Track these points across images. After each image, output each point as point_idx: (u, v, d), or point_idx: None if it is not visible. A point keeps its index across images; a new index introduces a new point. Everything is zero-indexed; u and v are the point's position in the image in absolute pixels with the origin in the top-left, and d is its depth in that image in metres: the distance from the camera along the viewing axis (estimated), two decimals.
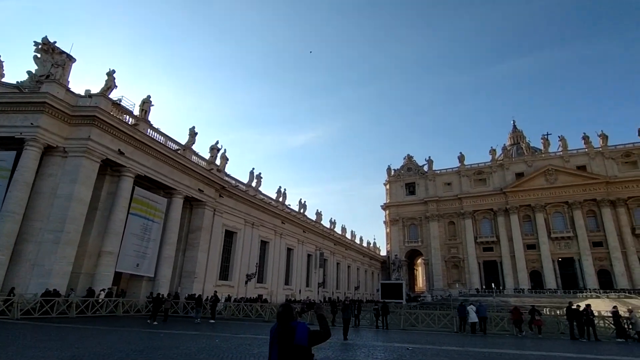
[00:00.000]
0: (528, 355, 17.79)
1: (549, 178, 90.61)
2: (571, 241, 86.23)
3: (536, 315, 28.23)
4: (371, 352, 16.68)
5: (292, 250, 62.89)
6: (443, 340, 23.40)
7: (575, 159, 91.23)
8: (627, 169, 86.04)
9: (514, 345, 22.26)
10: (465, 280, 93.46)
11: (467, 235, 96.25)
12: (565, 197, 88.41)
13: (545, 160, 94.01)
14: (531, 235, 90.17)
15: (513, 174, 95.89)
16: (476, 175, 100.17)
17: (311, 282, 68.48)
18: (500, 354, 17.98)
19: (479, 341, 23.89)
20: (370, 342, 20.77)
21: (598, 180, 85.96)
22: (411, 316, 32.47)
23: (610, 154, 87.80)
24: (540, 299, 63.44)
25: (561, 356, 18.00)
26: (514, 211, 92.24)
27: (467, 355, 17.02)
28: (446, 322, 31.01)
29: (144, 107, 36.37)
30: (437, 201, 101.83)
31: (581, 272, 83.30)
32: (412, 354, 16.29)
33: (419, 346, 19.55)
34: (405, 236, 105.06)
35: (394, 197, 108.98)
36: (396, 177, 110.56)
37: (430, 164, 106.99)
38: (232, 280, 46.82)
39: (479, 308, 29.57)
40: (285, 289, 59.08)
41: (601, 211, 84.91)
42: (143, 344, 16.28)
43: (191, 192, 40.40)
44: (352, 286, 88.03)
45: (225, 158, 48.38)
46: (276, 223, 57.73)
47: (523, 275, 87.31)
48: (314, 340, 4.94)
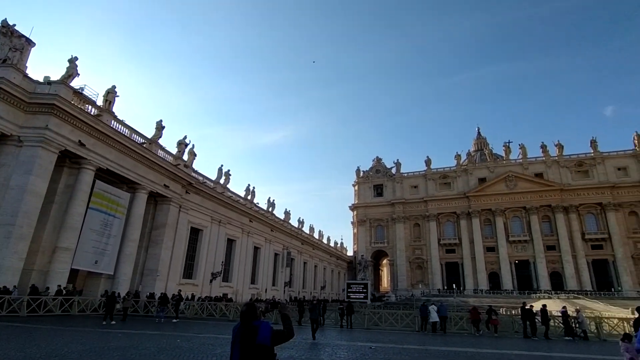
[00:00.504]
0: (484, 353, 18.55)
1: (509, 184, 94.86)
2: (527, 244, 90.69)
3: (493, 315, 29.43)
4: (335, 352, 16.86)
5: (259, 249, 62.37)
6: (405, 339, 23.98)
7: (534, 166, 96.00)
8: (580, 177, 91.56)
9: (471, 343, 23.16)
10: (428, 281, 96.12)
11: (431, 237, 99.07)
12: (523, 202, 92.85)
13: (506, 166, 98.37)
14: (491, 238, 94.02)
15: (476, 179, 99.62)
16: (442, 179, 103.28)
17: (278, 281, 68.21)
18: (458, 352, 18.66)
19: (439, 340, 24.69)
20: (334, 342, 20.98)
21: (553, 188, 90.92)
22: (375, 316, 33.04)
23: (565, 163, 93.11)
24: (498, 299, 66.29)
25: (514, 354, 18.90)
26: (475, 215, 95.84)
27: (427, 353, 17.57)
28: (408, 322, 31.80)
29: (108, 98, 34.91)
30: (404, 203, 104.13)
31: (535, 274, 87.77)
32: (375, 353, 16.61)
33: (381, 345, 19.94)
34: (372, 237, 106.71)
35: (362, 198, 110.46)
36: (365, 179, 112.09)
37: (398, 167, 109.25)
38: (197, 278, 45.83)
39: (440, 308, 30.54)
40: (251, 288, 58.50)
41: (555, 217, 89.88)
42: (98, 344, 15.65)
43: (156, 188, 39.19)
44: (318, 286, 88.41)
45: (193, 154, 47.29)
46: (244, 221, 57.06)
47: (482, 277, 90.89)
48: (276, 340, 4.93)
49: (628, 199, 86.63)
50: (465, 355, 17.26)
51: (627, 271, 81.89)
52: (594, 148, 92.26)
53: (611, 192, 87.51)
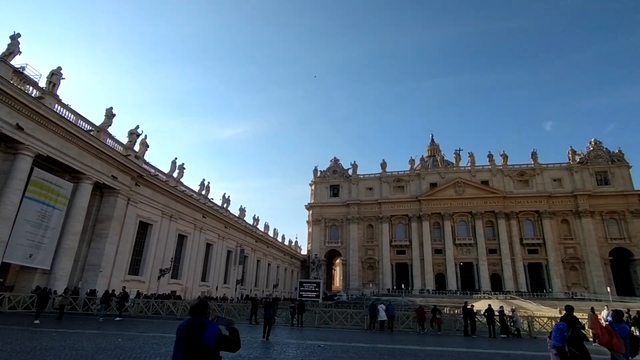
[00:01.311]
0: (427, 351, 19.43)
1: (457, 190, 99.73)
2: (472, 248, 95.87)
3: (437, 314, 30.86)
4: (284, 350, 16.89)
5: (212, 245, 60.89)
6: (353, 337, 24.51)
7: (481, 174, 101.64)
8: (521, 186, 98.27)
9: (416, 341, 24.16)
10: (378, 281, 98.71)
11: (384, 239, 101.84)
12: (469, 207, 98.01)
13: (456, 173, 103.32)
14: (439, 241, 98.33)
15: (428, 184, 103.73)
16: (396, 182, 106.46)
17: (229, 279, 66.95)
18: (403, 349, 19.41)
19: (386, 338, 25.49)
20: (284, 340, 21.02)
21: (497, 195, 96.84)
22: (326, 314, 33.45)
23: (508, 172, 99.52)
24: (443, 299, 69.50)
25: (455, 351, 19.96)
26: (426, 218, 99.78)
27: (373, 351, 18.10)
28: (358, 320, 32.52)
29: (53, 80, 32.47)
30: (359, 204, 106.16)
31: (478, 276, 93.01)
32: (323, 351, 16.84)
33: (330, 343, 20.24)
34: (326, 236, 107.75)
35: (319, 197, 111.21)
36: (322, 179, 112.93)
37: (354, 169, 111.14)
38: (144, 275, 43.88)
39: (388, 307, 31.55)
40: (201, 285, 56.95)
41: (497, 222, 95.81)
42: (30, 343, 14.57)
43: (103, 178, 37.04)
44: (271, 284, 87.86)
45: (145, 145, 45.21)
46: (197, 217, 55.44)
47: (429, 277, 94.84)
48: (222, 344, 4.80)
49: (561, 208, 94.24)
50: (410, 353, 17.97)
51: (557, 274, 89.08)
52: (534, 160, 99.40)
53: (547, 201, 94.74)
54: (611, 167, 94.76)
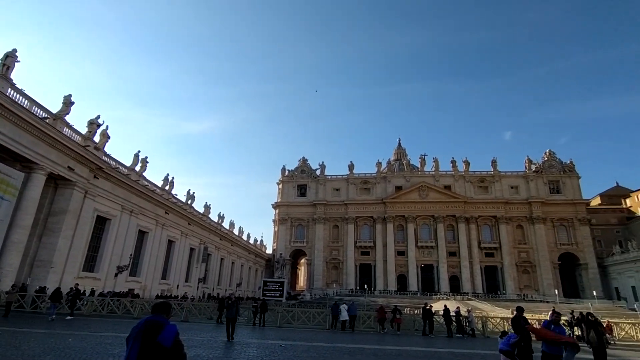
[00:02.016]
0: (386, 350, 19.91)
1: (421, 193, 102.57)
2: (433, 250, 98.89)
3: (397, 314, 31.67)
4: (244, 350, 16.78)
5: (174, 242, 59.20)
6: (315, 337, 24.69)
7: (444, 179, 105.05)
8: (481, 192, 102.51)
9: (376, 341, 24.68)
10: (342, 281, 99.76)
11: (349, 239, 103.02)
12: (432, 211, 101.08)
13: (421, 177, 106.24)
14: (402, 243, 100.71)
15: (393, 187, 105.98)
16: (362, 184, 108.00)
17: (191, 277, 65.36)
18: (363, 349, 19.79)
19: (347, 337, 25.86)
20: (245, 340, 20.85)
21: (458, 200, 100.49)
22: (288, 314, 33.48)
23: (470, 178, 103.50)
24: (404, 300, 71.31)
25: (412, 350, 20.60)
26: (390, 220, 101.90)
27: (333, 350, 18.35)
28: (320, 320, 32.78)
29: (7, 63, 30.40)
30: (325, 205, 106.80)
31: (438, 277, 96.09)
32: (284, 351, 16.88)
33: (291, 343, 20.31)
34: (292, 236, 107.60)
35: (286, 196, 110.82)
36: (289, 178, 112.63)
37: (322, 169, 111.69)
38: (100, 272, 41.97)
39: (351, 307, 32.03)
40: (161, 283, 55.22)
41: (458, 226, 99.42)
42: None
43: (58, 169, 35.08)
44: (234, 283, 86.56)
45: (106, 136, 43.22)
46: (159, 212, 53.71)
47: (392, 278, 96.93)
48: (177, 347, 4.75)
49: (516, 214, 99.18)
50: (369, 352, 18.36)
51: (511, 277, 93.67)
52: (494, 167, 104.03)
53: (504, 207, 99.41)
54: (563, 177, 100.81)
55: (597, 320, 18.35)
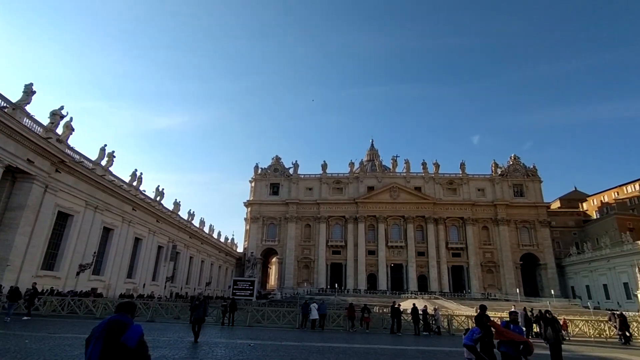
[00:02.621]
0: (354, 348, 20.18)
1: (392, 194, 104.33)
2: (402, 250, 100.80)
3: (366, 313, 32.13)
4: (212, 350, 16.55)
5: (141, 240, 57.43)
6: (285, 336, 24.68)
7: (415, 180, 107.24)
8: (449, 194, 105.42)
9: (345, 339, 24.94)
10: (313, 280, 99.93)
11: (320, 239, 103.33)
12: (403, 212, 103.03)
13: (392, 178, 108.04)
14: (373, 243, 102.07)
15: (365, 187, 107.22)
16: (335, 184, 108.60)
17: (159, 276, 63.64)
18: (332, 347, 19.97)
19: (316, 336, 25.99)
20: (213, 340, 20.57)
21: (428, 201, 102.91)
22: (258, 313, 33.26)
23: (439, 180, 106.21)
24: (373, 299, 72.25)
25: (380, 348, 20.95)
26: (362, 220, 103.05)
27: (303, 349, 18.41)
28: (290, 319, 32.78)
29: None
30: (298, 204, 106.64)
31: (406, 277, 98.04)
32: (253, 350, 16.79)
33: (260, 342, 20.22)
34: (264, 235, 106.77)
35: (258, 195, 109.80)
36: (262, 176, 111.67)
37: (296, 168, 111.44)
38: (60, 270, 40.10)
39: (321, 306, 32.23)
40: (127, 282, 53.43)
41: (427, 227, 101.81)
42: None
43: (16, 162, 33.25)
44: (203, 281, 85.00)
45: (70, 128, 41.31)
46: (126, 209, 51.93)
47: (362, 277, 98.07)
48: (142, 348, 4.62)
49: (483, 215, 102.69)
50: (338, 350, 18.55)
51: (476, 276, 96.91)
52: (463, 170, 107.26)
53: (471, 209, 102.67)
54: (526, 180, 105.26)
55: (554, 317, 19.28)
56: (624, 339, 29.71)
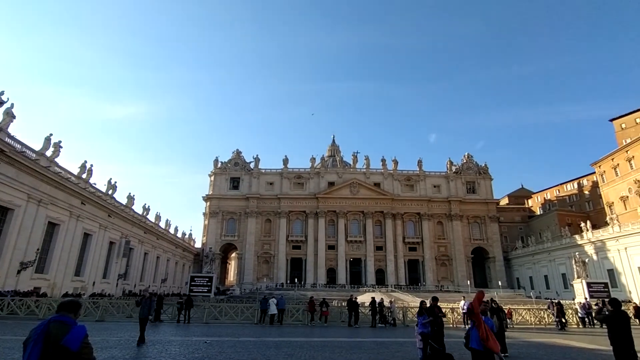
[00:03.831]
0: (312, 342, 20.47)
1: (353, 190, 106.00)
2: (361, 244, 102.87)
3: (324, 307, 32.63)
4: (165, 348, 16.16)
5: (91, 236, 54.46)
6: (243, 331, 24.57)
7: (374, 176, 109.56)
8: (407, 190, 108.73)
9: (303, 333, 25.24)
10: (273, 275, 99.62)
11: (281, 233, 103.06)
12: (362, 207, 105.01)
13: (353, 174, 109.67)
14: (333, 237, 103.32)
15: (326, 182, 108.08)
16: (296, 178, 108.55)
17: (110, 273, 60.74)
18: (290, 341, 20.14)
19: (275, 331, 26.09)
20: (167, 338, 20.10)
21: (387, 197, 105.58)
22: (215, 309, 32.81)
23: (397, 177, 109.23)
24: (332, 293, 73.28)
25: (337, 340, 21.41)
26: (322, 215, 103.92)
27: (261, 344, 18.43)
28: (248, 315, 32.64)
29: None
30: (259, 198, 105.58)
31: (365, 271, 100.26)
32: (209, 347, 16.59)
33: (217, 339, 20.00)
34: (223, 229, 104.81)
35: (217, 189, 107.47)
36: (222, 170, 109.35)
37: (257, 162, 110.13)
38: None
39: (279, 301, 32.34)
40: (74, 280, 50.53)
41: (385, 222, 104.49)
42: None
43: None
44: (159, 278, 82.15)
45: (11, 115, 38.27)
46: (74, 203, 48.98)
47: (322, 272, 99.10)
48: (86, 351, 4.42)
49: (438, 211, 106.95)
50: (295, 345, 18.75)
51: (430, 269, 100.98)
52: (420, 167, 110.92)
53: (427, 205, 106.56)
54: (478, 178, 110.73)
55: (499, 306, 20.59)
56: (560, 325, 32.32)
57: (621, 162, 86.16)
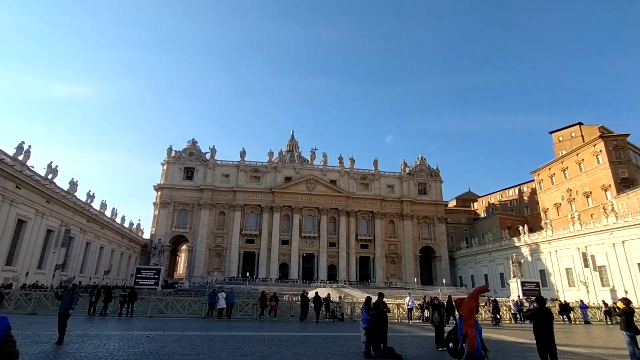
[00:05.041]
0: (259, 336, 20.50)
1: (309, 186, 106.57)
2: (315, 240, 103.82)
3: (273, 301, 32.72)
4: (103, 343, 15.48)
5: (26, 223, 50.44)
6: (189, 326, 24.06)
7: (331, 174, 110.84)
8: (362, 188, 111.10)
9: (252, 327, 25.16)
10: (225, 269, 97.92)
11: (234, 227, 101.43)
12: (318, 203, 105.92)
13: (310, 170, 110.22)
14: (287, 232, 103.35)
15: (283, 177, 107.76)
16: (253, 172, 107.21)
17: (47, 263, 56.70)
18: (237, 336, 20.04)
19: (223, 325, 25.81)
20: (106, 332, 19.26)
21: (342, 194, 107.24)
22: (161, 303, 31.82)
23: (354, 175, 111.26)
24: (284, 288, 73.48)
25: (284, 335, 21.57)
26: (277, 210, 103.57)
27: (206, 339, 18.18)
28: (196, 309, 31.97)
29: None
30: (213, 190, 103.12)
31: (317, 266, 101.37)
32: (151, 342, 16.11)
33: (161, 333, 19.47)
34: (174, 221, 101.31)
35: (170, 179, 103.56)
36: (176, 159, 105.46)
37: (213, 153, 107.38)
38: None
39: (229, 295, 32.00)
40: (5, 270, 46.61)
41: (339, 219, 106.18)
42: None
43: None
44: (101, 270, 77.89)
45: None
46: (7, 186, 45.10)
47: (274, 267, 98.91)
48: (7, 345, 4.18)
49: (390, 210, 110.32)
50: (243, 339, 18.70)
51: (381, 266, 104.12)
52: (375, 167, 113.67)
53: (381, 204, 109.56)
54: (429, 180, 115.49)
55: (440, 303, 21.74)
56: (495, 320, 34.76)
57: (557, 171, 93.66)
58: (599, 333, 29.72)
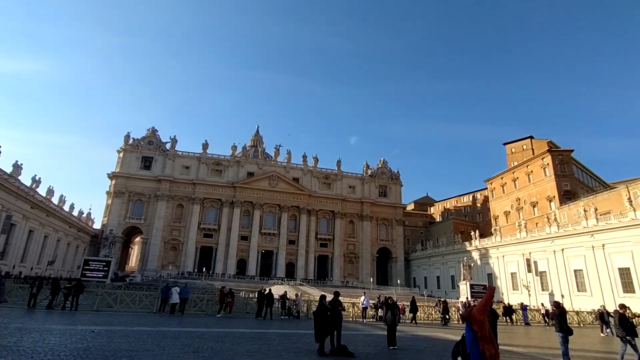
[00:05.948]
0: (213, 332, 20.17)
1: (271, 182, 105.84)
2: (275, 237, 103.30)
3: (229, 297, 32.31)
4: (43, 337, 14.60)
5: None
6: (138, 321, 23.23)
7: (294, 171, 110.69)
8: (324, 188, 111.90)
9: (204, 324, 24.69)
10: (180, 263, 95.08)
11: (192, 220, 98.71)
12: (279, 200, 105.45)
13: (273, 167, 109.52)
14: (247, 228, 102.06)
15: (246, 172, 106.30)
16: (215, 165, 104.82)
17: None
18: (189, 332, 19.62)
19: (175, 321, 25.13)
20: (47, 326, 18.21)
21: (304, 193, 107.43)
22: (110, 296, 30.48)
23: (316, 174, 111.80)
24: (241, 284, 72.52)
25: (238, 331, 21.37)
26: (238, 205, 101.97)
27: (156, 334, 17.63)
28: (147, 303, 30.92)
29: None
30: (172, 182, 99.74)
31: (276, 263, 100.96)
32: (96, 337, 15.42)
33: (108, 328, 18.69)
34: (129, 211, 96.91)
35: (126, 167, 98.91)
36: (134, 147, 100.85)
37: (173, 143, 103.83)
38: None
39: (183, 290, 31.19)
40: None
41: (300, 217, 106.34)
42: None
43: None
44: (45, 260, 73.12)
45: None
46: None
47: (232, 262, 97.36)
48: None
49: (350, 211, 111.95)
50: (195, 335, 18.32)
51: (338, 265, 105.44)
52: (338, 167, 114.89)
53: (342, 204, 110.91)
54: (390, 183, 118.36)
55: (394, 303, 22.42)
56: (444, 321, 36.36)
57: (508, 181, 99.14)
58: (537, 334, 31.85)
